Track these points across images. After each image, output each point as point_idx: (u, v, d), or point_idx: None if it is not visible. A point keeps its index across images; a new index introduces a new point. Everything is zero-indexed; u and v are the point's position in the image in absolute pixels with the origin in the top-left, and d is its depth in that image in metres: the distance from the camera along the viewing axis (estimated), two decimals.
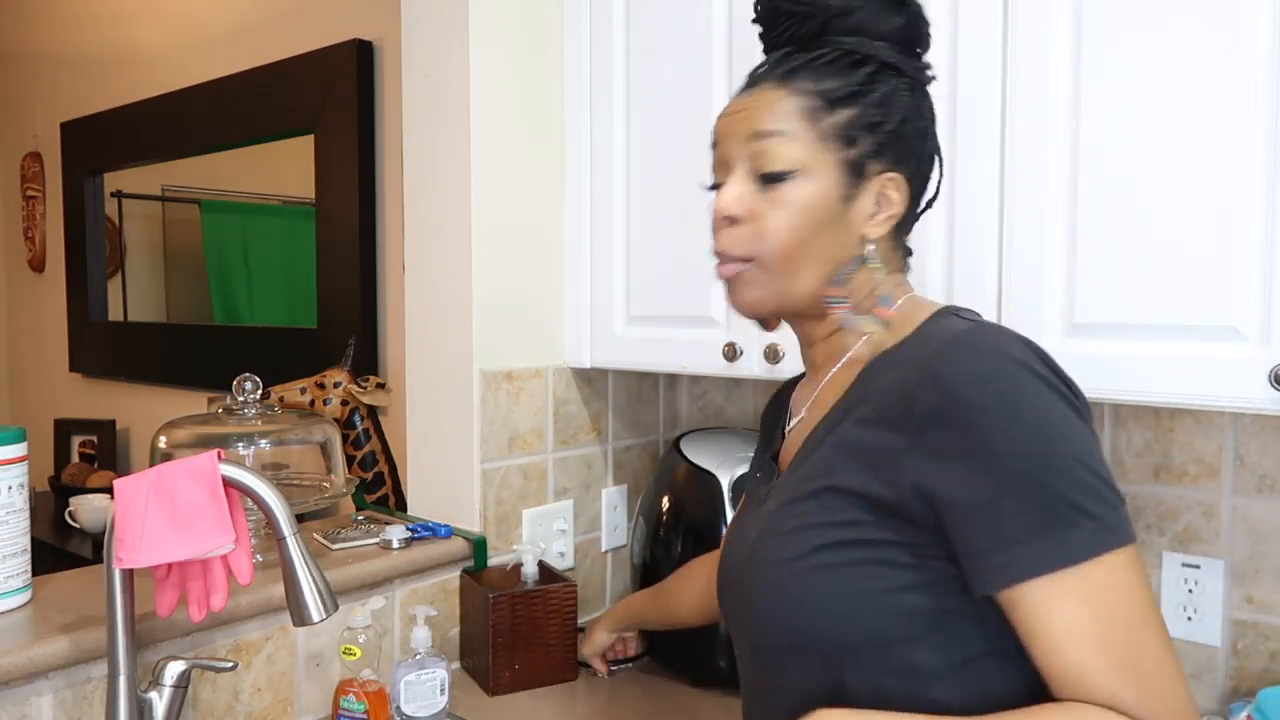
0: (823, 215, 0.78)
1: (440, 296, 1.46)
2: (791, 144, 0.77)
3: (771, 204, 0.78)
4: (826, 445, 0.77)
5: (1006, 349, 0.69)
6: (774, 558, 0.77)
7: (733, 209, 0.80)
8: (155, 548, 0.88)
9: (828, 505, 0.74)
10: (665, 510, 1.39)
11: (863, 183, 0.78)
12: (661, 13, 1.38)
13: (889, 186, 0.79)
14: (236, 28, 2.53)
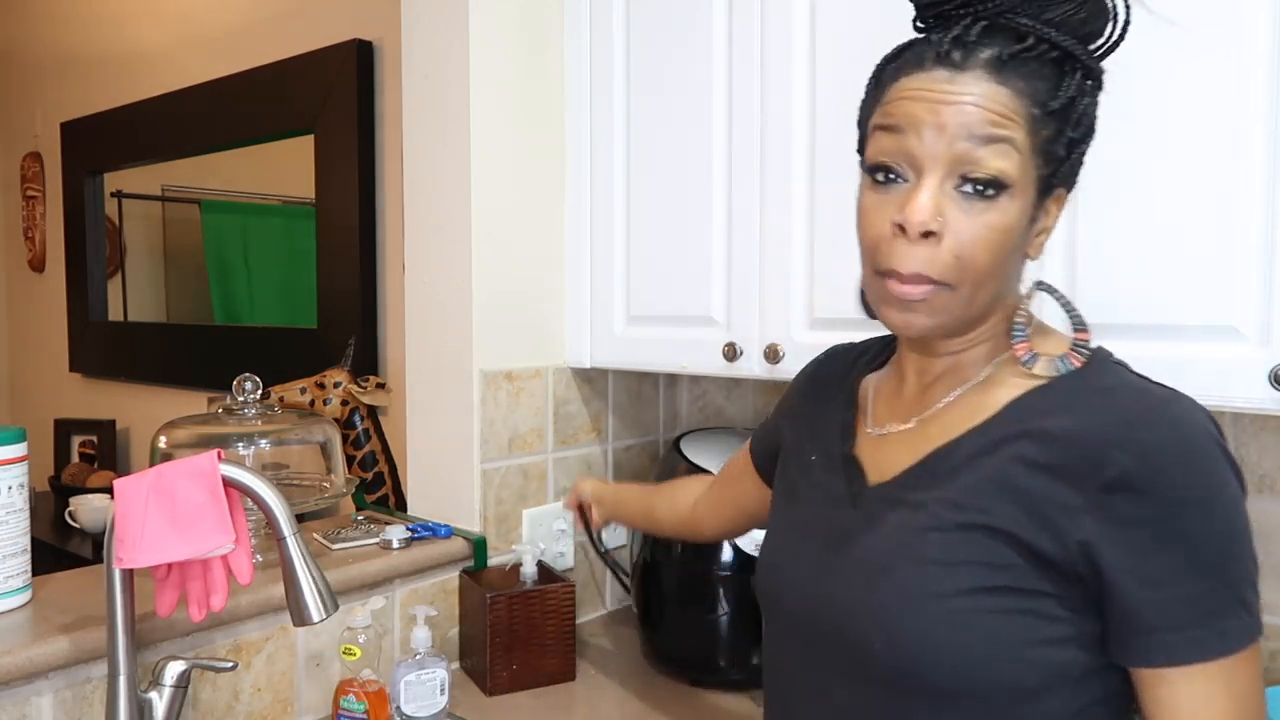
0: (1016, 240, 0.70)
1: (440, 296, 1.46)
2: (1009, 156, 0.67)
3: (974, 220, 0.68)
4: (971, 476, 0.71)
5: (1205, 424, 0.67)
6: (920, 589, 0.70)
7: (934, 223, 0.68)
8: (155, 548, 0.88)
9: (979, 544, 0.68)
10: None
11: (1044, 203, 0.72)
12: (662, 12, 1.38)
13: (1054, 205, 0.73)
14: (236, 28, 2.53)
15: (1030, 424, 0.70)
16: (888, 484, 0.76)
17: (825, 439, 0.85)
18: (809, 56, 1.23)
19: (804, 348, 1.25)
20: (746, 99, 1.29)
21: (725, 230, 1.33)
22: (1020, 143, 0.67)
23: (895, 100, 0.71)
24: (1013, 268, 0.73)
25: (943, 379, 0.78)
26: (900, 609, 0.70)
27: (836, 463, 0.82)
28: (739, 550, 1.30)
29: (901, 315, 0.73)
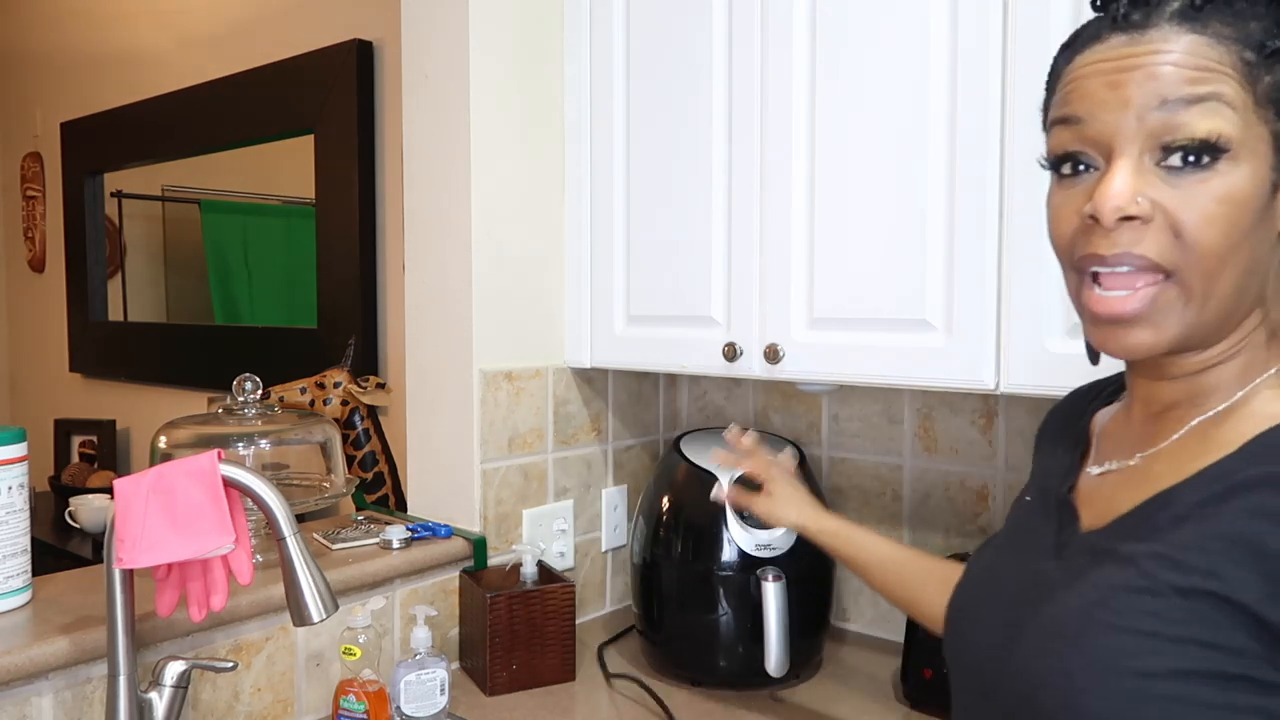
0: (1253, 214, 0.57)
1: (440, 296, 1.46)
2: (1221, 113, 0.55)
3: (1191, 197, 0.57)
4: (1199, 528, 0.57)
5: None
6: (1120, 663, 0.56)
7: (1134, 207, 0.57)
8: (155, 548, 0.88)
9: (1202, 616, 0.54)
10: (665, 510, 1.39)
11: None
12: (661, 11, 1.38)
13: None
14: (236, 28, 2.53)
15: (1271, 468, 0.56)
16: (1098, 532, 0.64)
17: (1046, 480, 0.74)
18: (809, 56, 1.23)
19: (804, 348, 1.25)
20: (747, 98, 1.29)
21: (725, 230, 1.33)
22: (1234, 96, 0.55)
23: (1070, 83, 0.60)
24: (1260, 252, 0.58)
25: (1176, 407, 0.64)
26: (1088, 685, 0.57)
27: (1050, 506, 0.71)
28: (740, 550, 1.30)
29: (1114, 332, 0.60)
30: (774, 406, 1.67)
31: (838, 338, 1.22)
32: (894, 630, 1.51)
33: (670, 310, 1.40)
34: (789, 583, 1.25)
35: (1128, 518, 0.62)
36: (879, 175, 1.17)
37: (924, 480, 1.50)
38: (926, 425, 1.49)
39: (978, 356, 1.09)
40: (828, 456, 1.60)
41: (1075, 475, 0.71)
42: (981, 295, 1.08)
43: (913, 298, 1.14)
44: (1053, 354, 1.04)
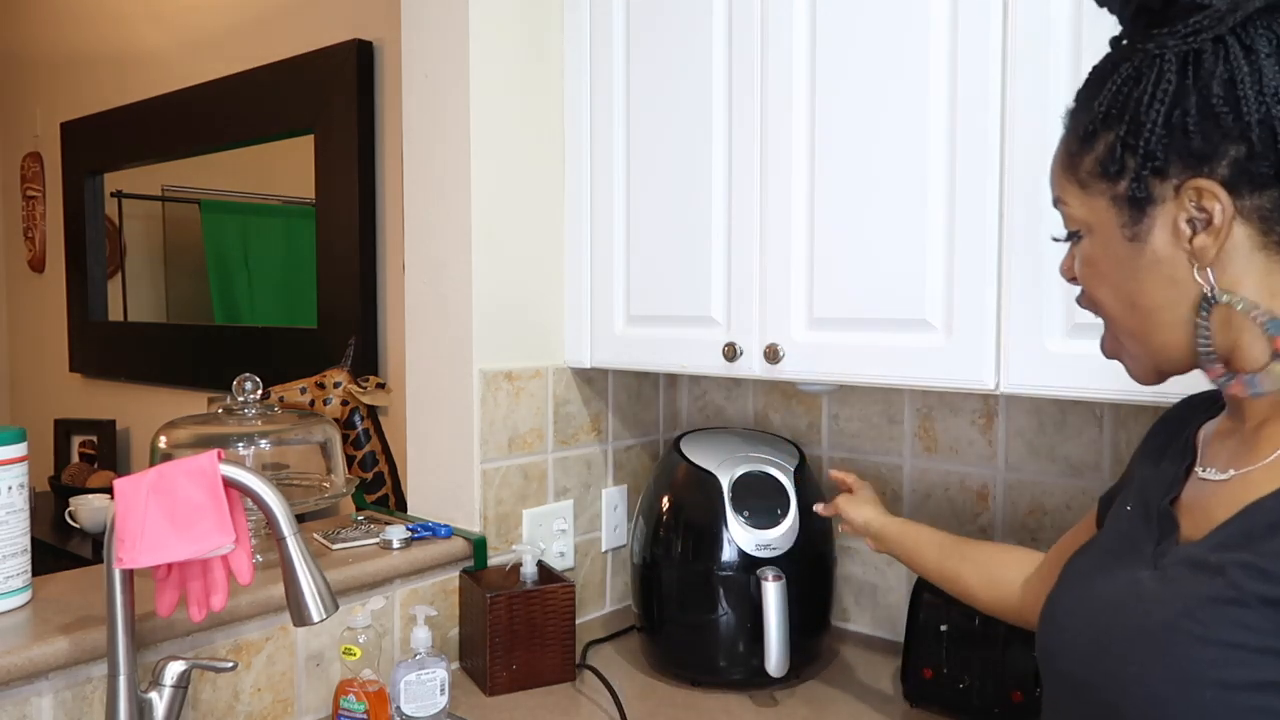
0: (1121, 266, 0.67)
1: (440, 296, 1.46)
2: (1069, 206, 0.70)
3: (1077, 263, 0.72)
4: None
5: None
6: (1203, 674, 0.58)
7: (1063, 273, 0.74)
8: (155, 548, 0.88)
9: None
10: (665, 510, 1.39)
11: (1150, 209, 0.64)
12: (661, 10, 1.38)
13: (1196, 198, 0.62)
14: (236, 28, 2.53)
15: None
16: (1196, 543, 0.64)
17: (1150, 488, 0.74)
18: (809, 55, 1.23)
19: (804, 348, 1.25)
20: (747, 98, 1.29)
21: (725, 230, 1.33)
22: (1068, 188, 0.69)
23: None
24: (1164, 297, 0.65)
25: (1271, 420, 0.65)
26: (1171, 696, 0.59)
27: (1152, 516, 0.71)
28: (740, 549, 1.30)
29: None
30: (774, 406, 1.67)
31: (838, 338, 1.22)
32: (894, 630, 1.51)
33: (670, 310, 1.40)
34: (789, 583, 1.25)
35: (1223, 528, 0.62)
36: (879, 175, 1.17)
37: (924, 480, 1.50)
38: (926, 425, 1.49)
39: (978, 356, 1.09)
40: (828, 456, 1.60)
41: (1179, 487, 0.71)
42: (981, 295, 1.08)
43: (913, 298, 1.14)
44: (1053, 354, 1.04)
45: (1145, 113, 0.63)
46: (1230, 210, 0.61)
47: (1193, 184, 0.62)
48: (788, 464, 1.38)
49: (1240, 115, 0.60)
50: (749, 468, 1.35)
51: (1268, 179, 0.60)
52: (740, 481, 1.34)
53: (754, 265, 1.29)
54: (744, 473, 1.35)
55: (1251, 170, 0.61)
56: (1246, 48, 0.59)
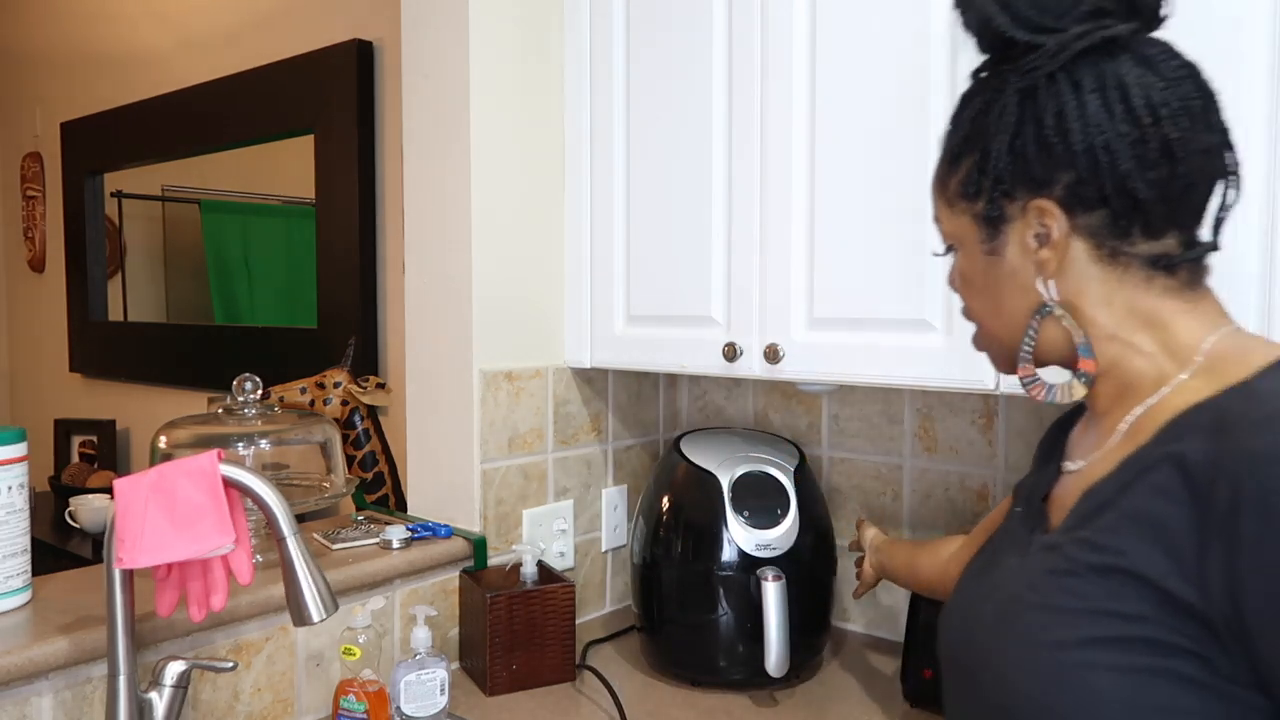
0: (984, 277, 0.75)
1: (440, 296, 1.46)
2: (942, 223, 0.78)
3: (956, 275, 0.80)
4: (1114, 512, 0.64)
5: None
6: (1037, 637, 0.65)
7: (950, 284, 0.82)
8: (155, 548, 0.88)
9: (1113, 591, 0.61)
10: (665, 510, 1.39)
11: (1004, 227, 0.72)
12: (661, 11, 1.38)
13: (1039, 217, 0.69)
14: (236, 28, 2.53)
15: (1173, 444, 0.62)
16: (1057, 531, 0.70)
17: (1033, 488, 0.80)
18: (809, 56, 1.23)
19: (804, 348, 1.25)
20: (746, 98, 1.29)
21: (725, 230, 1.33)
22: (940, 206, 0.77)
23: None
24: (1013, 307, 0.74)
25: (1112, 409, 0.72)
26: (1015, 661, 0.66)
27: (1031, 512, 0.78)
28: (740, 549, 1.30)
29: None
30: (774, 406, 1.67)
31: (838, 338, 1.22)
32: (894, 630, 1.51)
33: (670, 310, 1.40)
34: (789, 583, 1.25)
35: (1070, 514, 0.69)
36: (879, 174, 1.17)
37: (924, 480, 1.50)
38: (926, 425, 1.49)
39: (978, 356, 1.09)
40: (828, 456, 1.60)
41: (1052, 483, 0.77)
42: None
43: (913, 297, 1.14)
44: None
45: (993, 140, 0.70)
46: (1066, 227, 0.69)
47: (1035, 204, 0.69)
48: (788, 464, 1.38)
49: (1068, 144, 0.67)
50: (749, 468, 1.35)
51: (1095, 201, 0.67)
52: (740, 481, 1.34)
53: (754, 265, 1.29)
54: (744, 473, 1.35)
55: (1081, 194, 0.67)
56: (1074, 84, 0.66)
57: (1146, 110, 0.65)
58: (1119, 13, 0.67)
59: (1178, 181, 0.66)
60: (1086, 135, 0.66)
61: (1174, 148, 0.65)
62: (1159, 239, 0.68)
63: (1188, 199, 0.67)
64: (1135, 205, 0.67)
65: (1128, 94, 0.65)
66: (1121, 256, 0.68)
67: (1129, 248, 0.68)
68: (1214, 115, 0.67)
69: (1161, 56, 0.67)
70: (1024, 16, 0.68)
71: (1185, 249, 0.68)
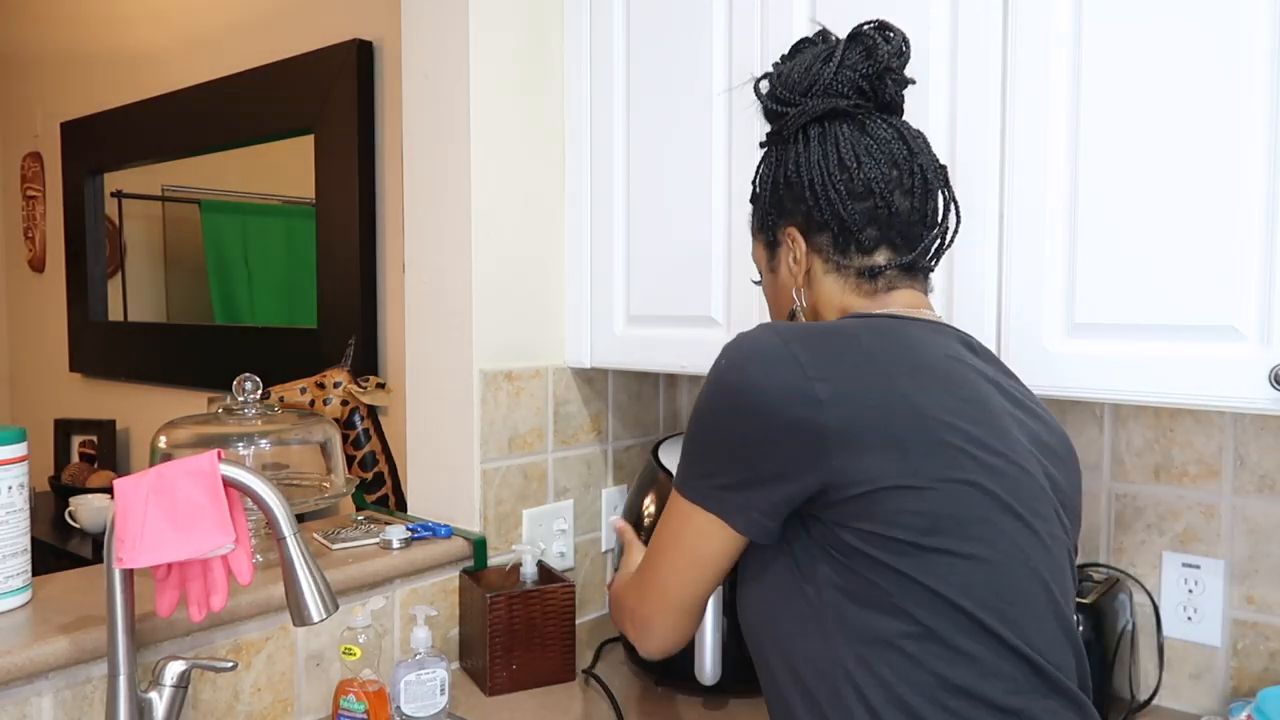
0: (772, 290, 0.97)
1: (440, 297, 1.46)
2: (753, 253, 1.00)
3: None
4: None
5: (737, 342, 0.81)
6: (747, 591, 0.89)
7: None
8: (155, 548, 0.88)
9: None
10: (642, 516, 1.38)
11: (777, 250, 0.94)
12: (661, 10, 1.38)
13: (790, 241, 0.91)
14: (236, 28, 2.53)
15: None
16: None
17: None
18: None
19: None
20: (747, 97, 1.29)
21: (725, 230, 1.33)
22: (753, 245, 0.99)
23: None
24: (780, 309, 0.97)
25: None
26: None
27: None
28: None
29: None
30: None
31: None
32: None
33: (670, 310, 1.40)
34: None
35: None
36: None
37: None
38: None
39: None
40: None
41: None
42: (981, 295, 1.08)
43: None
44: (1052, 354, 1.04)
45: (763, 182, 0.94)
46: (804, 247, 0.91)
47: (786, 230, 0.92)
48: None
49: (801, 181, 0.89)
50: None
51: (821, 225, 0.89)
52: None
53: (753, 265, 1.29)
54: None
55: (812, 220, 0.89)
56: (805, 138, 0.89)
57: (852, 157, 0.86)
58: (849, 95, 0.86)
59: (880, 211, 0.86)
60: (810, 175, 0.88)
61: (874, 186, 0.86)
62: (870, 255, 0.88)
63: (894, 225, 0.87)
64: (846, 228, 0.87)
65: (839, 145, 0.86)
66: (842, 269, 0.89)
67: (847, 261, 0.89)
68: (918, 167, 0.87)
69: (878, 124, 0.87)
70: (778, 94, 0.90)
71: (894, 264, 0.88)
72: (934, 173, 0.88)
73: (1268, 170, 0.91)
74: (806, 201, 0.88)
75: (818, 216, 0.88)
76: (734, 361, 0.80)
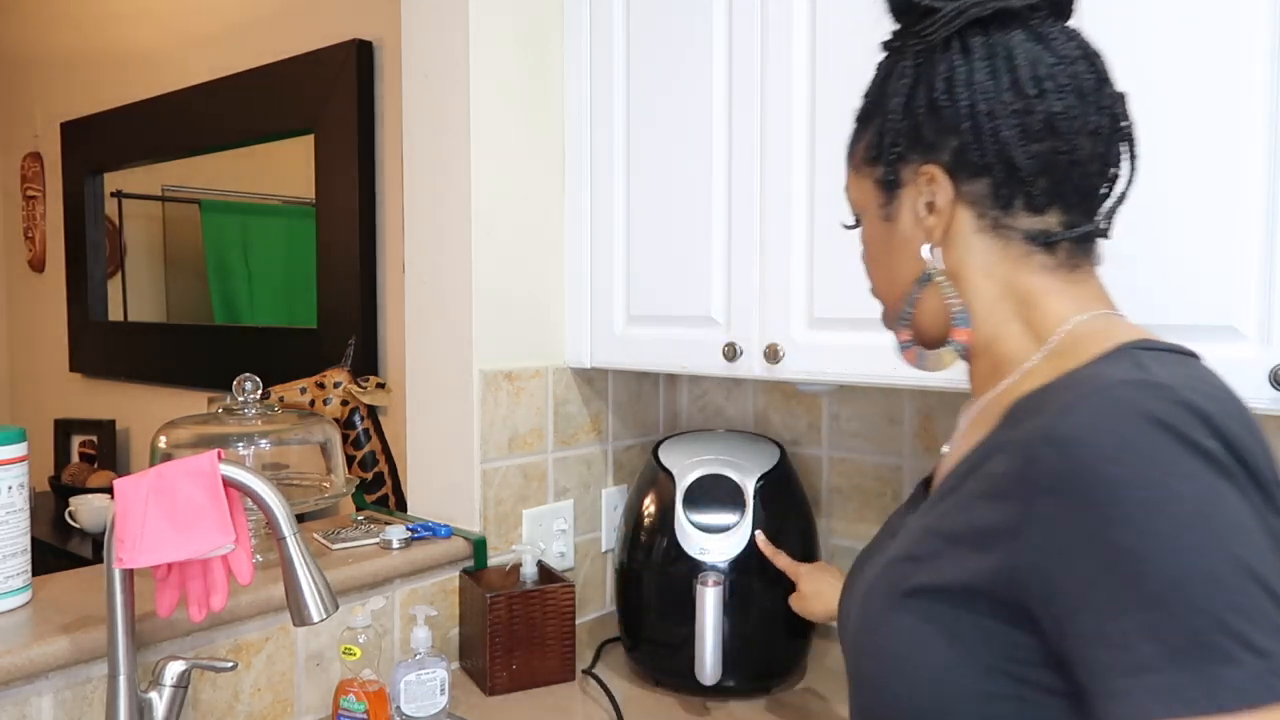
0: (881, 245, 0.76)
1: (440, 296, 1.46)
2: (849, 191, 0.79)
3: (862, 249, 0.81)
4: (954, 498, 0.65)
5: (1149, 406, 0.53)
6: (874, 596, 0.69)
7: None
8: (155, 548, 0.88)
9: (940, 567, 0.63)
10: (641, 515, 1.38)
11: (899, 192, 0.72)
12: (661, 11, 1.38)
13: (927, 183, 0.70)
14: (236, 28, 2.53)
15: (1007, 432, 0.63)
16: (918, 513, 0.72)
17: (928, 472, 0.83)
18: (809, 56, 1.23)
19: (804, 348, 1.25)
20: (746, 98, 1.29)
21: (725, 230, 1.33)
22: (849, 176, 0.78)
23: None
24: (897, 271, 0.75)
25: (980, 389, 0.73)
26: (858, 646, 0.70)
27: (915, 493, 0.81)
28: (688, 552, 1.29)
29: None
30: (774, 406, 1.67)
31: (838, 338, 1.22)
32: None
33: (670, 310, 1.40)
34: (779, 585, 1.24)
35: (930, 497, 0.71)
36: None
37: None
38: (926, 425, 1.49)
39: None
40: (828, 456, 1.60)
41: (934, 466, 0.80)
42: None
43: None
44: None
45: (890, 103, 0.71)
46: (951, 194, 0.69)
47: (924, 169, 0.70)
48: (756, 467, 1.35)
49: (955, 109, 0.67)
50: (706, 470, 1.33)
51: (979, 168, 0.67)
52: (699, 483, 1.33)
53: (754, 265, 1.29)
54: (701, 475, 1.33)
55: (966, 159, 0.68)
56: (964, 50, 0.67)
57: (1032, 82, 0.65)
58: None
59: (1060, 158, 0.66)
60: (972, 101, 0.67)
61: (1057, 123, 0.65)
62: (1041, 214, 0.68)
63: (1071, 178, 0.67)
64: (1016, 176, 0.67)
65: (1015, 65, 0.66)
66: (1002, 229, 0.69)
67: (1010, 220, 0.68)
68: (1107, 100, 0.67)
69: (1058, 36, 0.67)
70: None
71: (1067, 228, 0.68)
72: (1121, 108, 0.69)
73: (1267, 170, 0.91)
74: (962, 134, 0.67)
75: (975, 156, 0.67)
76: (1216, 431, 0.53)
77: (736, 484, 1.33)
